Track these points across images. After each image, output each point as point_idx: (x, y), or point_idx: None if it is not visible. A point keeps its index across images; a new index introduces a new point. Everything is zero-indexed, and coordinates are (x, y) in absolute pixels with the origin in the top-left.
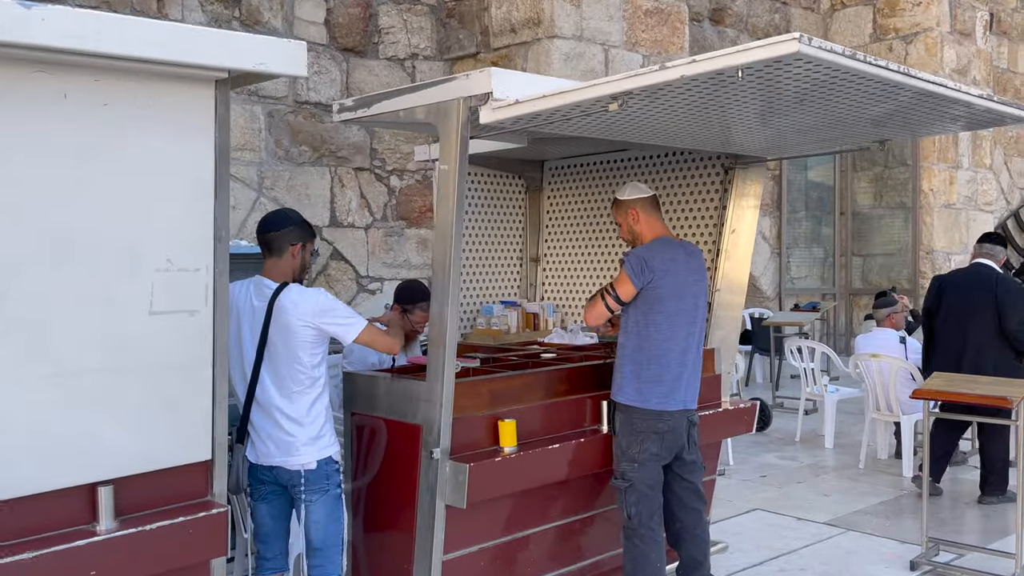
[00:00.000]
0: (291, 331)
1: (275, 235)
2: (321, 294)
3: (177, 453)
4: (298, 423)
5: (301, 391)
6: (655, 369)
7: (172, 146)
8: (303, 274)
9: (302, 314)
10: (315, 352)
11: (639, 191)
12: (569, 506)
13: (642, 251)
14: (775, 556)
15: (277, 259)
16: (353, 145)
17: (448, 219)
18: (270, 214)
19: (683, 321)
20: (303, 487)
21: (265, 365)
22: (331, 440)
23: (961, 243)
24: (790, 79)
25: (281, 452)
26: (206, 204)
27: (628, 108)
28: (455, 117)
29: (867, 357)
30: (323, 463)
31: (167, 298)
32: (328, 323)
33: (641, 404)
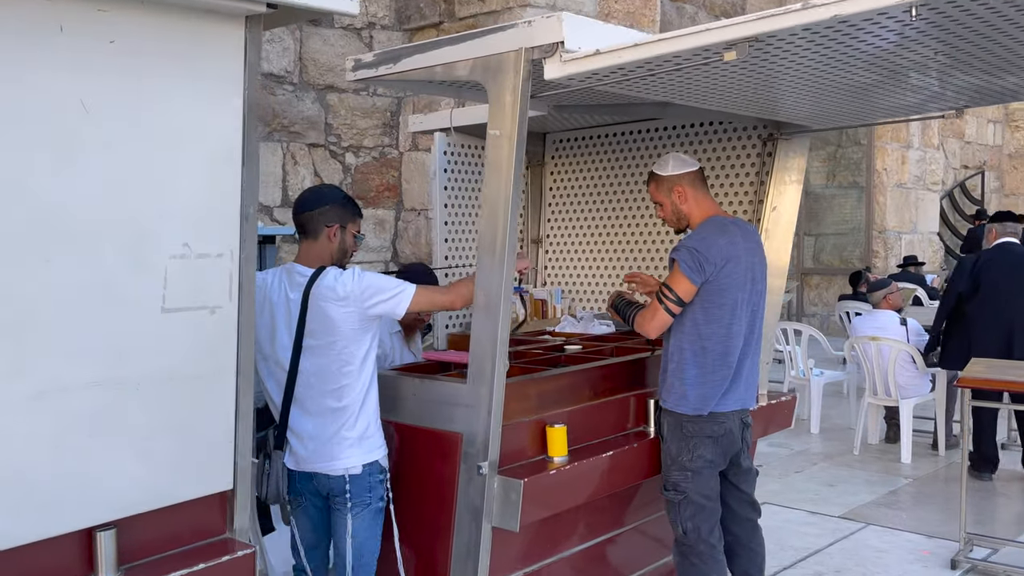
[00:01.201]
0: (333, 321)
1: (309, 215)
2: (359, 274)
3: (193, 484)
4: (346, 420)
5: (350, 384)
6: (723, 371)
7: (191, 100)
8: (344, 260)
9: (344, 300)
10: (363, 340)
11: (684, 164)
12: (617, 518)
13: (695, 242)
14: (803, 557)
15: (312, 242)
16: (307, 119)
17: (501, 195)
18: (305, 191)
19: (746, 312)
20: (346, 495)
21: (306, 360)
22: (379, 442)
23: (911, 223)
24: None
25: (323, 456)
26: (231, 174)
27: (744, 59)
28: (512, 72)
29: (866, 340)
30: (369, 469)
31: (184, 291)
32: (375, 304)
33: (702, 412)
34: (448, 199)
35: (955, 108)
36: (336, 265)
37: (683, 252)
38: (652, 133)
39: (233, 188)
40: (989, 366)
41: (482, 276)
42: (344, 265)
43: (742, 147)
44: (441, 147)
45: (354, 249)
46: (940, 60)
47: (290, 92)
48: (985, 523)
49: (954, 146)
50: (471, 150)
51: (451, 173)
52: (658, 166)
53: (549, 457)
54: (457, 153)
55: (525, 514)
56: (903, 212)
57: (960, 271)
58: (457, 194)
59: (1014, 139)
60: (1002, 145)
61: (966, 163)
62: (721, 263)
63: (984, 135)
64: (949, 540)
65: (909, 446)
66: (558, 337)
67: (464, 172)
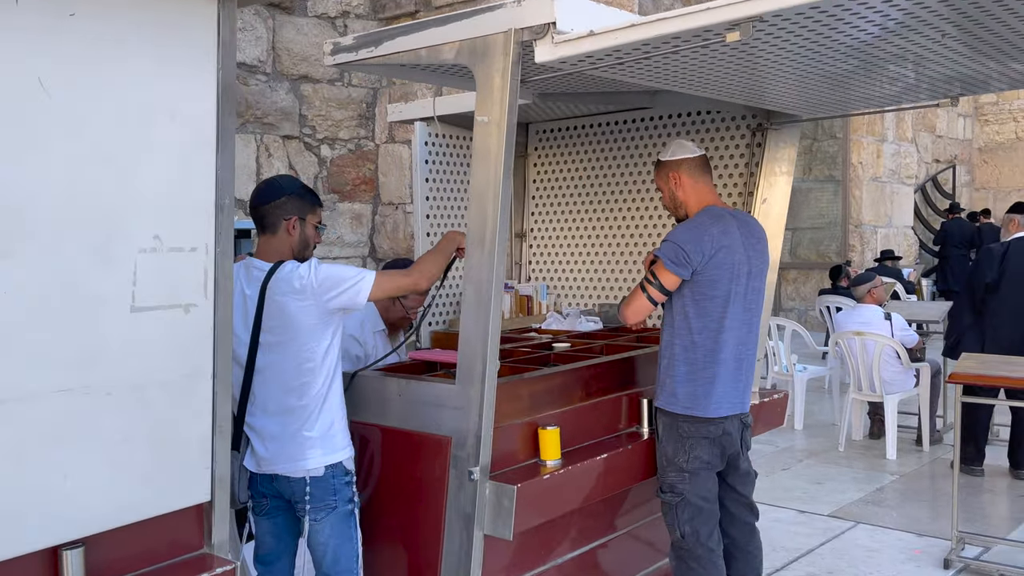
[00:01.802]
0: (291, 317)
1: (266, 209)
2: (315, 265)
3: (167, 497)
4: (307, 420)
5: (310, 382)
6: (713, 369)
7: (161, 80)
8: (307, 252)
9: (300, 294)
10: (323, 336)
11: (685, 150)
12: (610, 522)
13: (679, 235)
14: (795, 558)
15: (271, 237)
16: (281, 111)
17: (490, 185)
18: (260, 183)
19: (740, 308)
20: (307, 500)
21: (263, 358)
22: (343, 443)
23: (886, 216)
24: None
25: (284, 457)
26: (206, 160)
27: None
28: (501, 55)
29: (850, 335)
30: (332, 471)
31: (155, 288)
32: (334, 296)
33: (693, 412)
34: (429, 191)
35: (949, 96)
36: (298, 259)
37: (665, 247)
38: (639, 123)
39: (207, 176)
40: (981, 362)
41: (471, 270)
42: (306, 258)
43: (730, 137)
44: (422, 137)
45: (317, 240)
46: (939, 47)
47: (263, 82)
48: (974, 520)
49: (926, 140)
50: (454, 140)
51: (432, 164)
52: (662, 151)
53: (542, 461)
54: (439, 144)
55: (519, 521)
56: (879, 206)
57: (988, 260)
58: (439, 186)
59: (984, 133)
60: (972, 139)
61: (937, 157)
62: (711, 252)
63: (955, 129)
64: (939, 538)
65: (894, 442)
66: (545, 334)
67: (446, 164)
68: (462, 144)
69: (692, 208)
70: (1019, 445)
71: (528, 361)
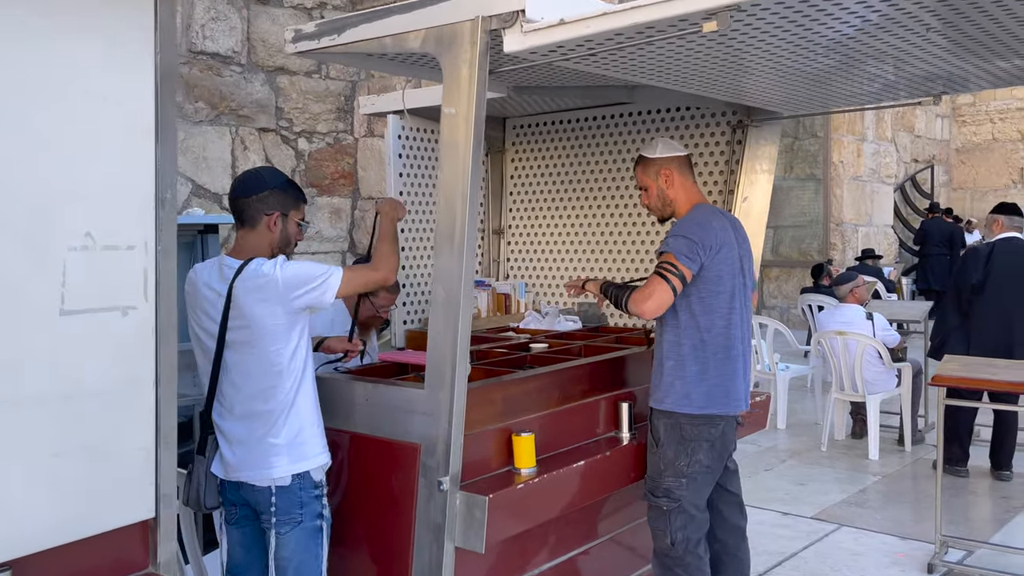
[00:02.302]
0: (255, 317)
1: (246, 202)
2: (282, 263)
3: (107, 515)
4: (273, 425)
5: (277, 385)
6: (728, 365)
7: (94, 60)
8: (287, 250)
9: (266, 293)
10: (289, 337)
11: (673, 148)
12: (588, 530)
13: (686, 229)
14: (778, 561)
15: (249, 231)
16: (256, 103)
17: (458, 179)
18: (242, 174)
19: (741, 303)
20: (272, 511)
21: (230, 358)
22: (314, 450)
23: (867, 215)
24: None
25: (249, 463)
26: (144, 151)
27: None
28: (468, 44)
29: (832, 334)
30: (300, 482)
31: (87, 290)
32: (299, 295)
33: (710, 410)
34: (404, 186)
35: (931, 95)
36: (276, 256)
37: (675, 242)
38: (618, 119)
39: (145, 167)
40: (964, 364)
41: (440, 269)
42: (288, 256)
43: (710, 134)
44: (395, 131)
45: (299, 238)
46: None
47: (238, 74)
48: (957, 523)
49: (904, 140)
50: (428, 134)
51: (406, 159)
52: (646, 148)
53: (516, 469)
54: (412, 137)
55: (491, 533)
56: (859, 205)
57: (974, 261)
58: (414, 181)
59: (961, 134)
60: (950, 140)
61: (916, 157)
62: (716, 248)
63: (933, 130)
64: (923, 542)
65: (876, 442)
66: (522, 334)
67: (421, 158)
68: (436, 139)
69: (681, 206)
70: (1001, 446)
71: (504, 363)
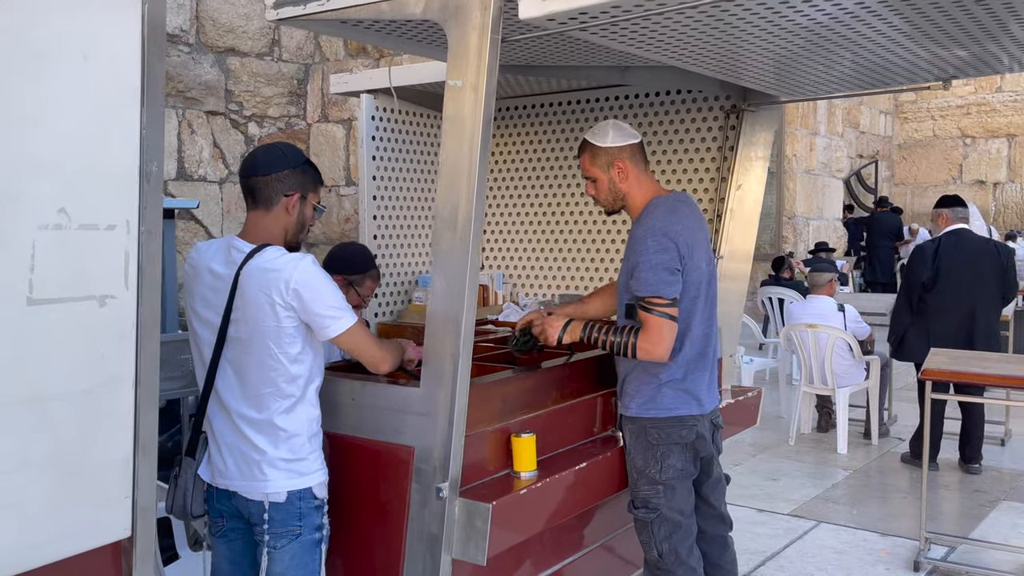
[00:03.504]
0: (261, 311)
1: (263, 180)
2: (308, 262)
3: (77, 536)
4: (268, 436)
5: (273, 393)
6: (698, 365)
7: (71, 10)
8: (302, 235)
9: (279, 288)
10: (293, 341)
11: (626, 134)
12: (584, 536)
13: (656, 245)
14: (761, 562)
15: (263, 213)
16: (205, 85)
17: (464, 157)
18: (258, 149)
19: (709, 302)
20: (266, 526)
21: (228, 354)
22: (315, 466)
23: (818, 209)
24: None
25: (242, 474)
26: (128, 114)
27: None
28: (479, 9)
29: (803, 327)
30: (297, 497)
31: (60, 275)
32: (310, 305)
33: (678, 412)
34: (377, 171)
35: (941, 79)
36: (290, 243)
37: (652, 276)
38: (605, 103)
39: (130, 135)
40: (952, 358)
41: (441, 257)
42: (300, 242)
43: (702, 119)
44: (369, 111)
45: (312, 223)
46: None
47: (185, 54)
48: (934, 518)
49: (850, 136)
50: (404, 116)
51: (381, 142)
52: (594, 134)
53: (515, 472)
54: (388, 119)
55: (494, 543)
56: (811, 199)
57: (921, 259)
58: (388, 165)
59: (903, 130)
60: (892, 136)
61: (861, 152)
62: (688, 253)
63: (877, 126)
64: (903, 538)
65: (845, 436)
66: (503, 327)
67: (395, 141)
68: (413, 121)
69: (636, 201)
70: (969, 440)
71: (490, 359)
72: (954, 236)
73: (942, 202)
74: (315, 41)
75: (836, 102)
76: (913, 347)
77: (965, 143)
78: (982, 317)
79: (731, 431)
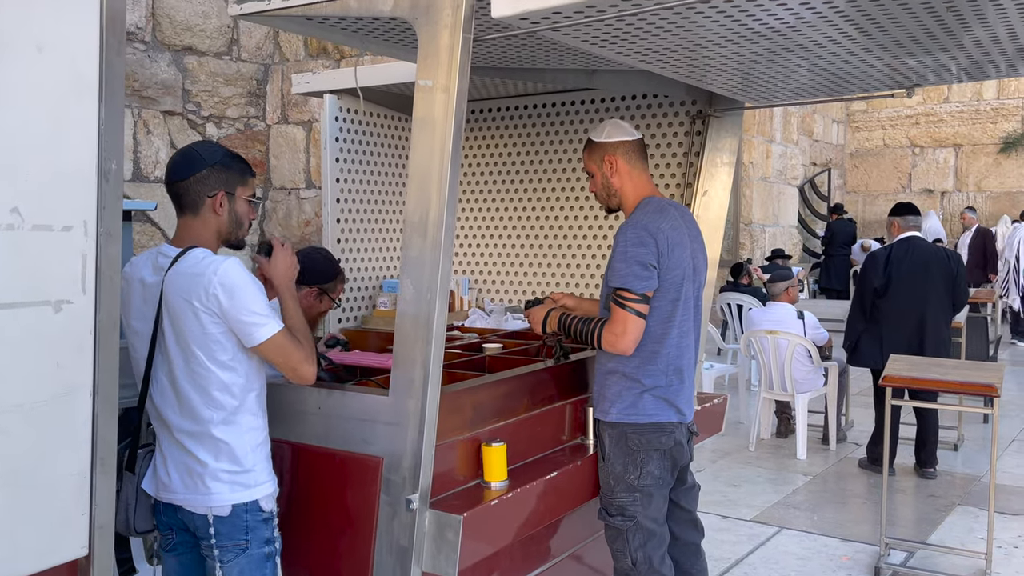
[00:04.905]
0: (185, 317)
1: (184, 185)
2: (229, 264)
3: (29, 554)
4: (208, 448)
5: (207, 403)
6: (680, 374)
7: (24, 2)
8: (239, 233)
9: (199, 293)
10: (226, 346)
11: (621, 131)
12: (553, 545)
13: (634, 238)
14: (726, 568)
15: (192, 218)
16: (162, 84)
17: (435, 160)
18: (176, 154)
19: (692, 308)
20: (212, 540)
21: (160, 365)
22: (261, 477)
23: (774, 216)
24: None
25: (186, 487)
26: (85, 110)
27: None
28: (450, 8)
29: (763, 334)
30: (243, 510)
31: (12, 280)
32: (231, 311)
33: (658, 419)
34: (340, 173)
35: (905, 87)
36: (231, 241)
37: (625, 268)
38: (571, 107)
39: (87, 132)
40: (912, 364)
41: (410, 263)
42: (238, 241)
43: (668, 124)
44: (332, 112)
45: (252, 216)
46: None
47: (141, 52)
48: (891, 523)
49: (804, 144)
50: (369, 118)
51: (344, 143)
52: (593, 130)
53: (486, 483)
54: (352, 120)
55: (465, 556)
56: (767, 206)
57: (873, 265)
58: (352, 167)
59: (855, 139)
60: (844, 144)
61: (815, 160)
62: (667, 251)
63: (829, 134)
64: (863, 543)
65: (804, 442)
66: (468, 333)
67: (360, 143)
68: (378, 122)
69: (628, 198)
70: (924, 444)
71: (459, 365)
72: (906, 244)
73: (895, 210)
74: (275, 41)
75: (791, 110)
76: (866, 353)
77: (914, 152)
78: (932, 324)
79: (698, 438)
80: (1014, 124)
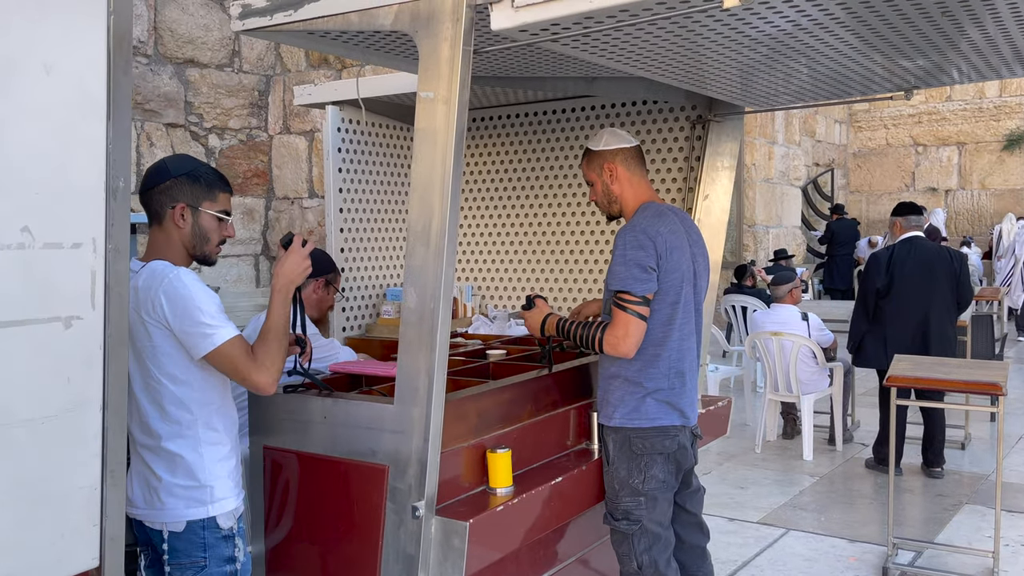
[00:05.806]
0: (135, 330)
1: (146, 197)
2: (176, 275)
3: (44, 567)
4: (164, 462)
5: (161, 417)
6: (680, 379)
7: (32, 20)
8: (205, 249)
9: (147, 305)
10: (174, 360)
11: (619, 139)
12: (560, 551)
13: (633, 241)
14: (734, 571)
15: (157, 230)
16: (164, 96)
17: (437, 170)
18: (150, 166)
19: (692, 312)
20: (166, 556)
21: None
22: (221, 493)
23: (777, 217)
24: None
25: (146, 501)
26: (93, 129)
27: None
28: (450, 21)
29: (767, 335)
30: (199, 526)
31: (22, 296)
32: (175, 322)
33: (661, 422)
34: (343, 183)
35: (903, 89)
36: (199, 256)
37: (624, 271)
38: (573, 113)
39: (95, 150)
40: (916, 364)
41: (414, 272)
42: (207, 255)
43: (668, 130)
44: (334, 123)
45: (226, 234)
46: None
47: (144, 65)
48: (899, 523)
49: (807, 144)
50: (371, 128)
51: (347, 154)
52: (592, 140)
53: (491, 489)
54: (354, 131)
55: (471, 562)
56: (770, 207)
57: (875, 267)
58: (354, 177)
59: (857, 139)
60: (847, 144)
61: (817, 160)
62: (665, 254)
63: (832, 134)
64: (871, 544)
65: (811, 443)
66: (472, 340)
67: (362, 152)
68: (380, 132)
69: (628, 204)
70: (930, 444)
71: (463, 372)
72: (908, 244)
73: (897, 210)
74: (276, 52)
75: (793, 111)
76: (870, 354)
77: (917, 151)
78: (936, 323)
79: (702, 441)
80: (1017, 121)
